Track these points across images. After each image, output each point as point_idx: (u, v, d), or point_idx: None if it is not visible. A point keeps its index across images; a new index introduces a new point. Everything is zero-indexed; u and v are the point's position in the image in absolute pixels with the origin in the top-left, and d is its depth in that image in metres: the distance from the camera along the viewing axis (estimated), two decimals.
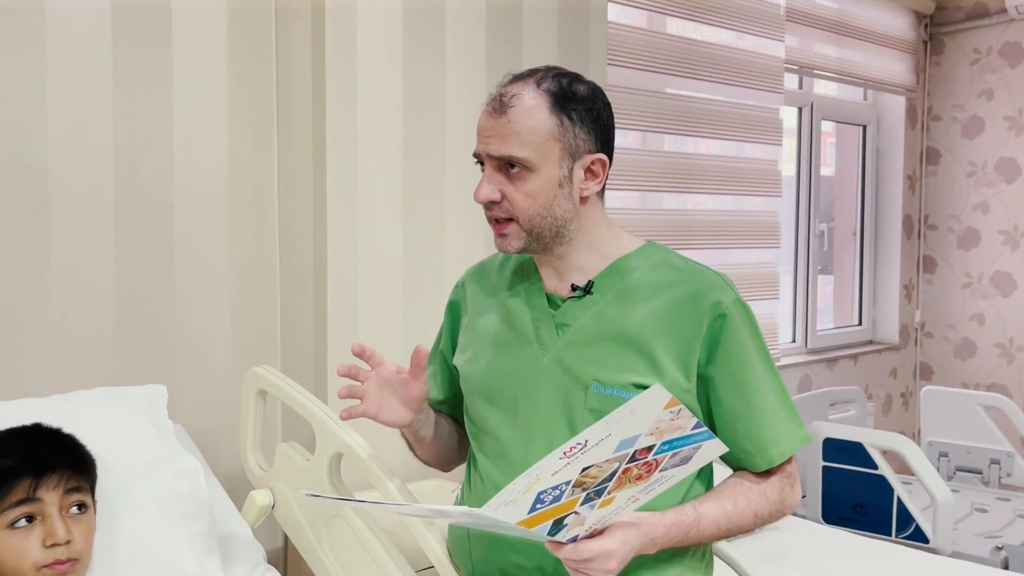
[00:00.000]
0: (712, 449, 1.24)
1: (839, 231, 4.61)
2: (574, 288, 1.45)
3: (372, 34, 2.19)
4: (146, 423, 1.62)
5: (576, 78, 1.42)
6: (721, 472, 1.47)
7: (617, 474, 1.18)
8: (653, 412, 1.12)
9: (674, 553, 1.41)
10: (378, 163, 2.22)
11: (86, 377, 1.88)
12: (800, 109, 4.13)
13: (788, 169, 4.01)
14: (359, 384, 1.45)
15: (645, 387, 1.36)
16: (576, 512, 1.20)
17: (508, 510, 1.13)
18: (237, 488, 1.86)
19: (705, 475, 1.47)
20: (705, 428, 1.20)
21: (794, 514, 2.62)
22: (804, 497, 2.95)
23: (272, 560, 2.01)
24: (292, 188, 2.22)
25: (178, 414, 1.99)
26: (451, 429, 1.62)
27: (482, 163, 1.42)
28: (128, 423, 1.60)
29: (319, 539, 1.68)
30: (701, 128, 3.38)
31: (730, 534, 1.39)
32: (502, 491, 1.13)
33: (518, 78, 1.41)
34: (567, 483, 1.14)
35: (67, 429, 1.44)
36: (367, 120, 2.19)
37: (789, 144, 3.98)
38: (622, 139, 3.30)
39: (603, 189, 1.46)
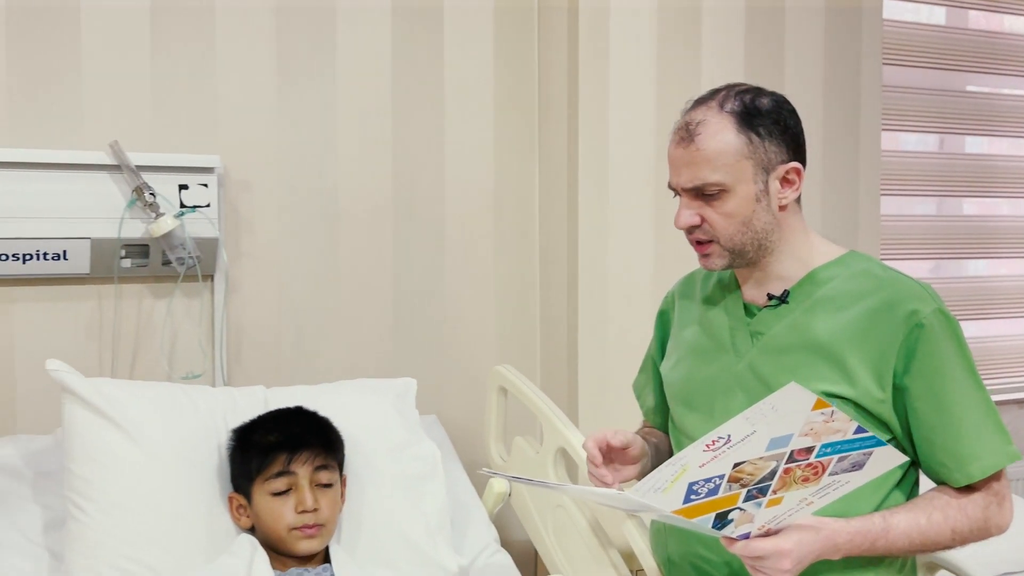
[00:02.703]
0: (887, 457, 1.22)
1: None
2: (770, 297, 1.47)
3: (625, 36, 2.27)
4: (394, 411, 1.84)
5: (758, 92, 1.43)
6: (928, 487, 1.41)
7: (778, 473, 1.19)
8: (799, 411, 1.13)
9: (868, 561, 1.38)
10: (630, 173, 2.31)
11: (365, 368, 2.15)
12: None
13: None
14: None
15: (835, 396, 1.35)
16: (742, 509, 1.23)
17: (659, 497, 1.18)
18: (484, 476, 2.04)
19: (906, 487, 1.43)
20: (871, 434, 1.18)
21: None
22: None
23: (524, 553, 2.17)
24: (550, 200, 2.38)
25: (440, 406, 2.22)
26: (665, 441, 1.67)
27: (676, 192, 1.47)
28: (379, 410, 1.83)
29: (545, 526, 1.82)
30: (1005, 127, 3.12)
31: (924, 549, 1.34)
32: (647, 477, 1.18)
33: (700, 102, 1.45)
34: (720, 477, 1.17)
35: (325, 413, 1.69)
36: (619, 130, 2.28)
37: None
38: (915, 142, 3.14)
39: (799, 196, 1.46)
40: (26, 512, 1.63)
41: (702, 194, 1.41)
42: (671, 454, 1.66)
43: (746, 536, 1.27)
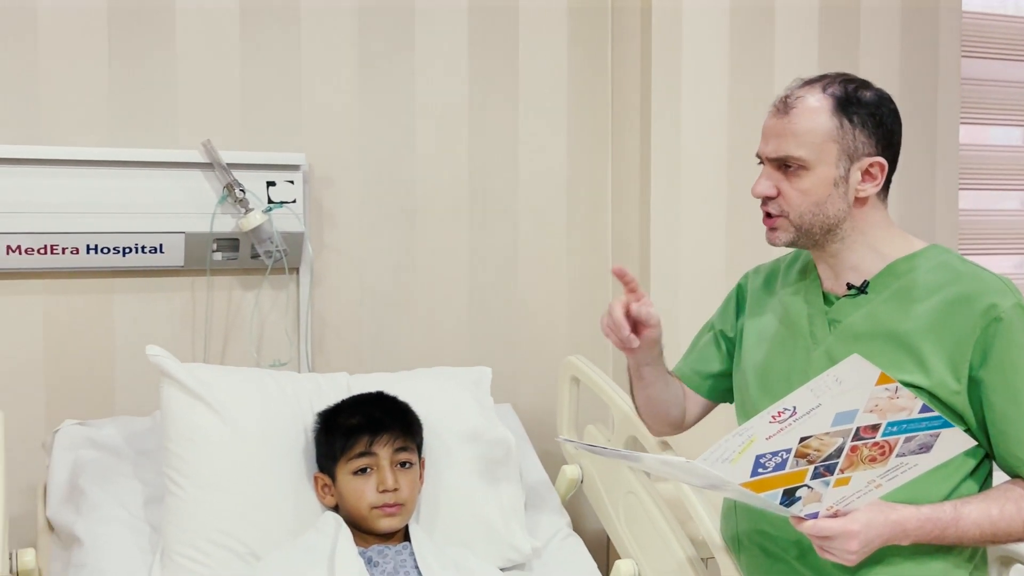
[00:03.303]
0: (955, 440, 1.24)
1: None
2: (849, 287, 1.49)
3: (698, 35, 2.31)
4: (471, 398, 1.91)
5: (864, 84, 1.47)
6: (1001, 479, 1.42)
7: (845, 451, 1.22)
8: (863, 385, 1.16)
9: (937, 549, 1.40)
10: (702, 169, 2.34)
11: (441, 358, 2.23)
12: None
13: None
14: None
15: (911, 386, 1.37)
16: (808, 486, 1.25)
17: (726, 467, 1.21)
18: (556, 463, 2.09)
19: (979, 477, 1.44)
20: (938, 414, 1.20)
21: None
22: None
23: (595, 539, 2.22)
24: (622, 195, 2.42)
25: (513, 395, 2.28)
26: (678, 397, 1.69)
27: (762, 160, 1.51)
28: (455, 397, 1.89)
29: (616, 512, 1.87)
30: None
31: (996, 540, 1.36)
32: (714, 447, 1.21)
33: (807, 82, 1.49)
34: (787, 451, 1.21)
35: (405, 399, 1.77)
36: (691, 126, 2.32)
37: None
38: (1002, 136, 3.09)
39: (886, 192, 1.48)
40: (128, 488, 1.74)
41: (784, 166, 1.45)
42: (678, 408, 1.69)
43: (814, 516, 1.29)
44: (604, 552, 2.25)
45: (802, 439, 1.20)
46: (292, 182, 2.15)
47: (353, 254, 2.26)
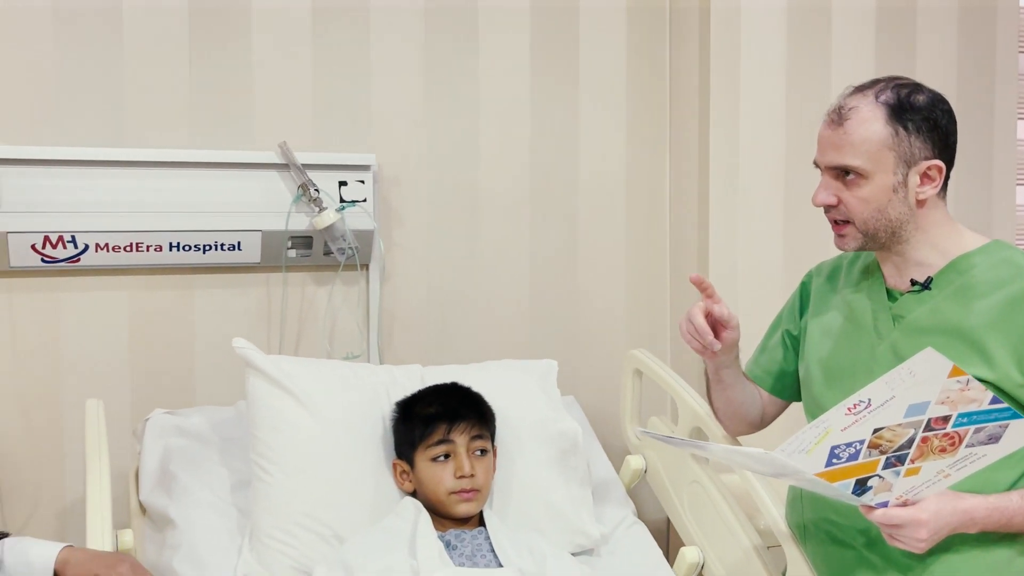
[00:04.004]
0: (1022, 431, 1.28)
1: None
2: (913, 283, 1.53)
3: (756, 34, 2.36)
4: (539, 390, 1.98)
5: (916, 88, 1.50)
6: None
7: (916, 442, 1.27)
8: (936, 378, 1.21)
9: (1002, 536, 1.44)
10: (760, 167, 2.39)
11: (503, 351, 2.29)
12: None
13: None
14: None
15: (976, 379, 1.41)
16: (880, 476, 1.30)
17: (803, 458, 1.27)
18: (619, 454, 2.15)
19: None
20: (1007, 406, 1.25)
21: None
22: None
23: (656, 528, 2.28)
24: (680, 193, 2.48)
25: (575, 388, 2.34)
26: (755, 398, 1.75)
27: (820, 169, 1.56)
28: (524, 388, 1.96)
29: (681, 502, 1.92)
30: None
31: None
32: (792, 439, 1.27)
33: (858, 90, 1.52)
34: (860, 442, 1.26)
35: (476, 389, 1.84)
36: (749, 125, 2.37)
37: None
38: None
39: (944, 191, 1.52)
40: (216, 474, 1.82)
41: (842, 176, 1.49)
42: (756, 410, 1.74)
43: (884, 505, 1.34)
44: (664, 541, 2.31)
45: (875, 430, 1.25)
46: (363, 182, 2.22)
47: (419, 251, 2.34)
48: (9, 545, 1.33)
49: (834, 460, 1.27)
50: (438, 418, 1.73)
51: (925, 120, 1.46)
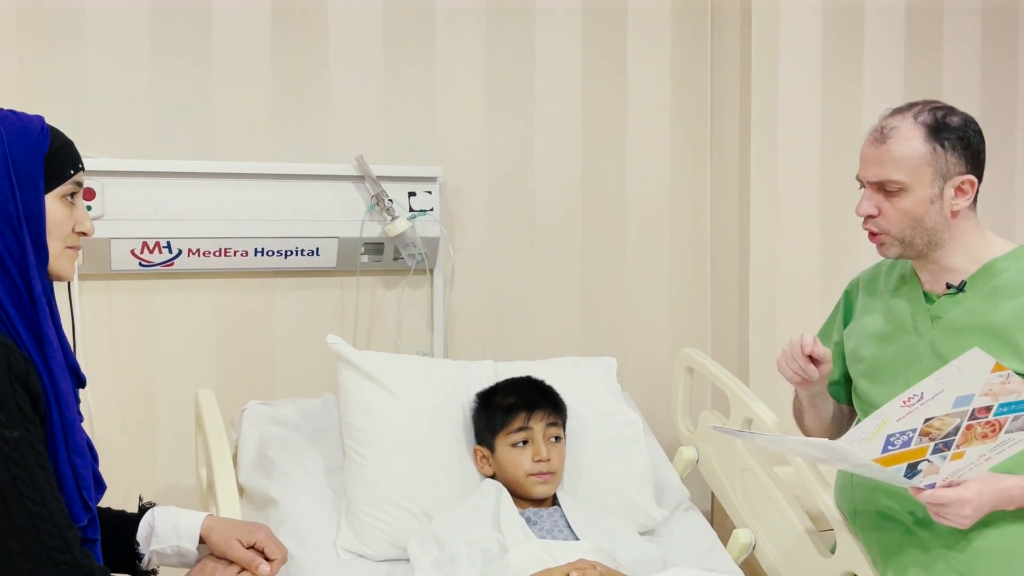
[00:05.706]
0: None
1: None
2: (948, 286, 1.70)
3: (794, 36, 2.54)
4: (601, 384, 2.15)
5: (950, 110, 1.66)
6: None
7: (961, 429, 1.44)
8: (980, 374, 1.37)
9: None
10: (798, 175, 2.57)
11: (559, 348, 2.47)
12: None
13: None
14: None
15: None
16: (929, 460, 1.47)
17: (863, 446, 1.43)
18: (671, 445, 2.32)
19: None
20: None
21: None
22: None
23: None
24: (721, 199, 2.65)
25: (626, 384, 2.50)
26: (837, 411, 1.92)
27: (863, 184, 1.72)
28: (589, 383, 2.13)
29: (733, 488, 2.08)
30: None
31: None
32: (853, 429, 1.44)
33: (898, 111, 1.69)
34: (912, 430, 1.43)
35: (548, 382, 2.00)
36: (788, 133, 2.56)
37: None
38: None
39: (975, 203, 1.69)
40: (310, 458, 1.99)
41: (884, 189, 1.66)
42: (838, 423, 1.91)
43: (932, 486, 1.51)
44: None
45: (926, 420, 1.42)
46: (430, 192, 2.40)
47: (480, 256, 2.52)
48: (158, 513, 1.48)
49: (889, 447, 1.44)
50: (517, 407, 1.90)
51: (959, 139, 1.63)
